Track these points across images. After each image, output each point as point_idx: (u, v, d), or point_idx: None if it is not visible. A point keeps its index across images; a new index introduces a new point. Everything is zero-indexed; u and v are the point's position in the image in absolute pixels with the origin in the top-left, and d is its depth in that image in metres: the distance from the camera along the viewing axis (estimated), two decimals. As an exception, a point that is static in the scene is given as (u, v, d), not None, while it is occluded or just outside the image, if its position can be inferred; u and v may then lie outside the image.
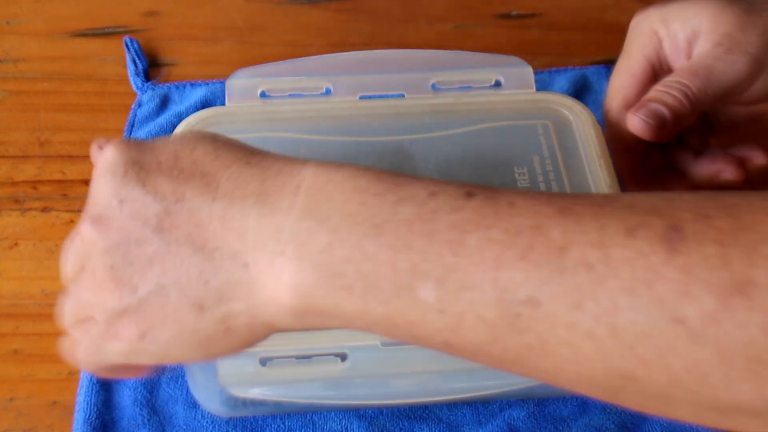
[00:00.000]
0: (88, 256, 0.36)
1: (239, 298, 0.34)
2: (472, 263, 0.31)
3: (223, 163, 0.36)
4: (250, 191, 0.34)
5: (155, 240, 0.35)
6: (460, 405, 0.51)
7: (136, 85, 0.69)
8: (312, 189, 0.34)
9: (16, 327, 0.55)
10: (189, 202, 0.35)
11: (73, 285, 0.37)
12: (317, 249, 0.33)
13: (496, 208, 0.32)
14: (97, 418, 0.50)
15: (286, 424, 0.51)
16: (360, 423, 0.50)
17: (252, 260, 0.34)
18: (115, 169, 0.36)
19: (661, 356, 0.29)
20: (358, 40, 0.74)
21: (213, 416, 0.51)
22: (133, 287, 0.35)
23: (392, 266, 0.32)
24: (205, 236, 0.34)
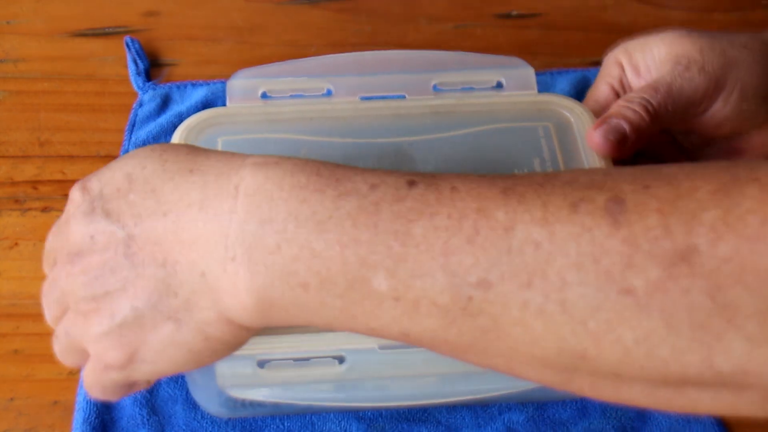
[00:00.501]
0: (71, 293, 0.37)
1: (207, 307, 0.35)
2: (421, 251, 0.31)
3: (168, 176, 0.36)
4: (193, 199, 0.35)
5: (125, 265, 0.35)
6: (460, 408, 0.51)
7: (137, 84, 0.69)
8: (251, 189, 0.34)
9: (17, 327, 0.55)
10: (146, 223, 0.35)
11: (62, 325, 0.38)
12: (266, 251, 0.33)
13: (438, 194, 0.32)
14: (96, 417, 0.50)
15: (285, 425, 0.51)
16: (359, 425, 0.50)
17: (207, 268, 0.34)
18: (83, 209, 0.37)
19: (612, 329, 0.29)
20: (358, 40, 0.74)
21: (212, 417, 0.51)
22: (112, 314, 0.35)
23: (342, 261, 0.32)
24: (165, 252, 0.35)
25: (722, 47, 0.53)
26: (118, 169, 0.37)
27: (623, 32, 0.75)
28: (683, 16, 0.76)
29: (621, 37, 0.75)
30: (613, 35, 0.75)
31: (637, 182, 0.31)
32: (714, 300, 0.28)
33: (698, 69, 0.52)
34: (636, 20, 0.76)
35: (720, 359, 0.29)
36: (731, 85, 0.53)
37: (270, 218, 0.33)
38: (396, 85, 0.56)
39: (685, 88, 0.52)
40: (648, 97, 0.52)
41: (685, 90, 0.52)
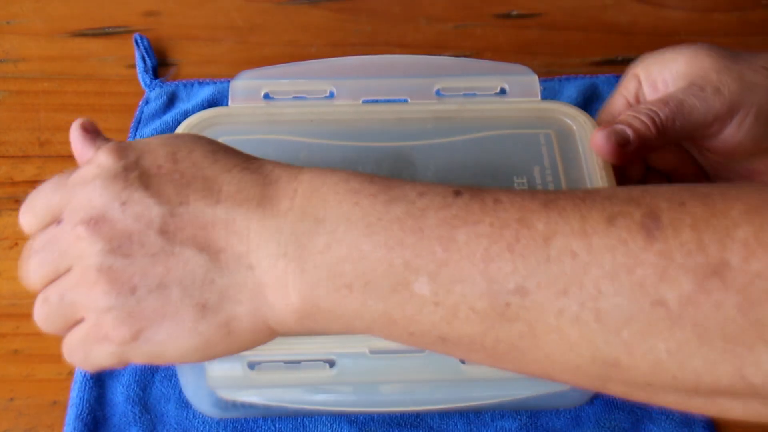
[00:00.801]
0: (79, 257, 0.36)
1: (243, 300, 0.35)
2: (462, 257, 0.32)
3: (222, 167, 0.37)
4: (252, 195, 0.35)
5: (159, 242, 0.35)
6: (452, 414, 0.51)
7: (144, 82, 0.69)
8: (308, 192, 0.35)
9: (17, 327, 0.55)
10: (193, 205, 0.35)
11: (57, 288, 0.37)
12: (316, 250, 0.34)
13: (482, 204, 0.34)
14: (89, 414, 0.50)
15: (276, 427, 0.51)
16: (351, 428, 0.50)
17: (256, 262, 0.34)
18: (114, 174, 0.36)
19: (644, 339, 0.30)
20: (359, 40, 0.74)
21: (204, 416, 0.51)
22: (132, 287, 0.35)
23: (387, 263, 0.33)
24: (210, 238, 0.35)
25: (740, 70, 0.52)
26: (158, 146, 0.37)
27: (623, 32, 0.75)
28: (683, 16, 0.76)
29: (621, 36, 0.75)
30: (613, 35, 0.75)
31: (674, 199, 0.32)
32: (745, 314, 0.29)
33: (713, 90, 0.52)
34: (636, 20, 0.76)
35: (751, 371, 0.30)
36: (746, 109, 0.52)
37: (323, 218, 0.34)
38: (399, 89, 0.56)
39: (696, 108, 0.51)
40: (656, 109, 0.52)
41: (697, 109, 0.51)
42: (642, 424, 0.51)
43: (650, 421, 0.51)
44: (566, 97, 0.68)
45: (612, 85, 0.69)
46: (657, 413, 0.52)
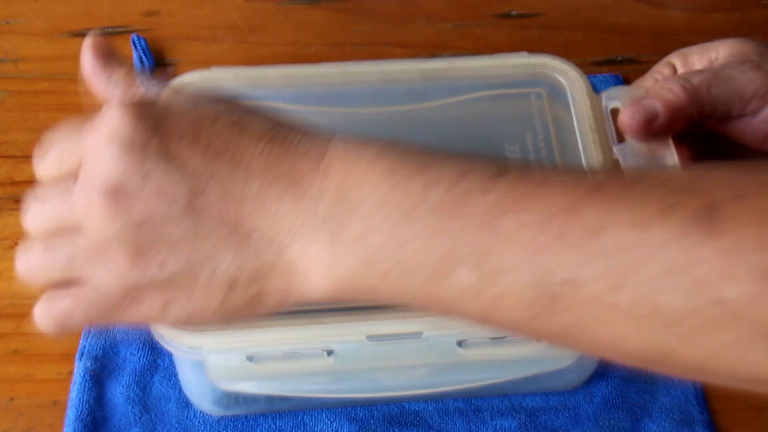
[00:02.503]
0: (94, 228, 0.34)
1: (274, 278, 0.34)
2: (508, 247, 0.31)
3: (250, 138, 0.34)
4: (283, 173, 0.34)
5: (185, 219, 0.33)
6: (451, 412, 0.51)
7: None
8: (342, 171, 0.33)
9: (17, 327, 0.55)
10: (221, 182, 0.33)
11: (64, 248, 0.36)
12: (352, 237, 0.33)
13: (526, 188, 0.32)
14: (88, 414, 0.50)
15: (277, 425, 0.51)
16: (351, 426, 0.50)
17: (288, 244, 0.33)
18: (132, 138, 0.34)
19: (701, 333, 0.30)
20: (358, 39, 0.74)
21: (205, 415, 0.51)
22: (161, 263, 0.34)
23: (427, 252, 0.32)
24: (240, 218, 0.33)
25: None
26: (180, 111, 0.35)
27: (623, 32, 0.75)
28: (683, 15, 0.76)
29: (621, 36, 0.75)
30: (613, 35, 0.75)
31: (734, 189, 0.30)
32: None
33: (753, 66, 0.49)
34: (636, 20, 0.76)
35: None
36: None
37: (358, 204, 0.33)
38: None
39: (733, 78, 0.49)
40: (688, 76, 0.49)
41: (734, 80, 0.49)
42: (641, 422, 0.51)
43: (650, 419, 0.51)
44: (567, 96, 0.68)
45: (611, 84, 0.69)
46: (656, 412, 0.52)
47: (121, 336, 0.54)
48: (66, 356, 0.53)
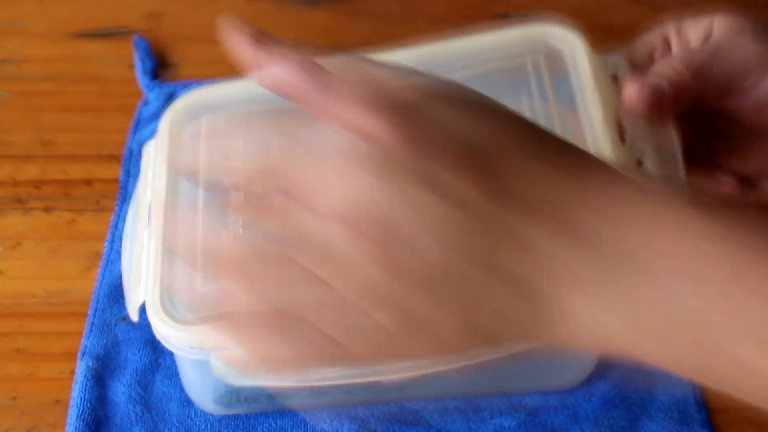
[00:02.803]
0: (333, 262, 0.29)
1: (533, 327, 0.30)
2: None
3: (531, 165, 0.29)
4: (567, 213, 0.29)
5: (453, 262, 0.28)
6: (451, 411, 0.51)
7: (143, 83, 0.69)
8: (638, 229, 0.29)
9: (19, 326, 0.55)
10: (494, 220, 0.28)
11: (274, 279, 0.29)
12: (625, 293, 0.29)
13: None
14: (90, 413, 0.51)
15: (277, 423, 0.51)
16: (351, 425, 0.51)
17: (557, 297, 0.29)
18: (395, 158, 0.28)
19: None
20: (358, 40, 0.74)
21: (206, 414, 0.51)
22: (420, 304, 0.29)
23: (704, 319, 0.28)
24: (510, 261, 0.29)
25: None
26: (445, 125, 0.29)
27: (621, 34, 0.75)
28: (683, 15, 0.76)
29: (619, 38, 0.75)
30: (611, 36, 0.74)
31: None
32: None
33: (752, 39, 0.48)
34: (634, 22, 0.76)
35: None
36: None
37: (648, 267, 0.28)
38: None
39: (735, 52, 0.47)
40: (690, 54, 0.48)
41: (735, 54, 0.47)
42: (640, 421, 0.51)
43: (648, 418, 0.51)
44: (566, 97, 0.68)
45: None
46: (655, 411, 0.52)
47: (122, 335, 0.54)
48: (68, 355, 0.53)
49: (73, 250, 0.59)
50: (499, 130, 0.30)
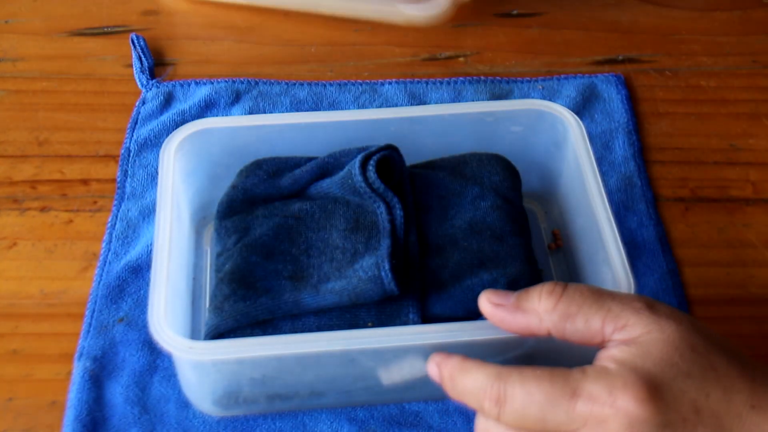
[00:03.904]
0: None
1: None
2: None
3: (734, 407, 0.38)
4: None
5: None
6: (452, 412, 0.51)
7: (141, 82, 0.69)
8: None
9: (15, 327, 0.55)
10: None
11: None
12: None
13: None
14: (87, 415, 0.50)
15: (276, 425, 0.50)
16: (351, 426, 0.50)
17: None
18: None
19: None
20: (358, 40, 0.74)
21: (204, 416, 0.50)
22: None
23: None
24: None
25: None
26: (680, 392, 0.37)
27: (624, 31, 0.75)
28: (684, 15, 0.76)
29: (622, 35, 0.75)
30: (614, 34, 0.75)
31: None
32: None
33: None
34: (637, 19, 0.76)
35: None
36: None
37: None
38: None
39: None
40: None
41: None
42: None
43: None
44: (565, 96, 0.68)
45: (611, 84, 0.69)
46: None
47: (120, 336, 0.54)
48: (65, 356, 0.53)
49: (69, 250, 0.58)
50: (720, 399, 0.38)
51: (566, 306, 0.40)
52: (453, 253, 0.51)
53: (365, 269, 0.47)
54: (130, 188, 0.62)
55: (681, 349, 0.38)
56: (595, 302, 0.40)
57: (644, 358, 0.38)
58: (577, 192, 0.53)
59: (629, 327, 0.39)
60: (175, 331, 0.45)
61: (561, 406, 0.38)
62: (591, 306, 0.40)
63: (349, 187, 0.52)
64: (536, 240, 0.57)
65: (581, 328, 0.40)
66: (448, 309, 0.48)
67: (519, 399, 0.39)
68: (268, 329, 0.48)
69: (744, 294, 0.57)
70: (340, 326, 0.48)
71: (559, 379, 0.38)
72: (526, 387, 0.39)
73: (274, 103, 0.67)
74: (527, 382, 0.39)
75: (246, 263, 0.50)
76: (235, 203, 0.54)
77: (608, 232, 0.49)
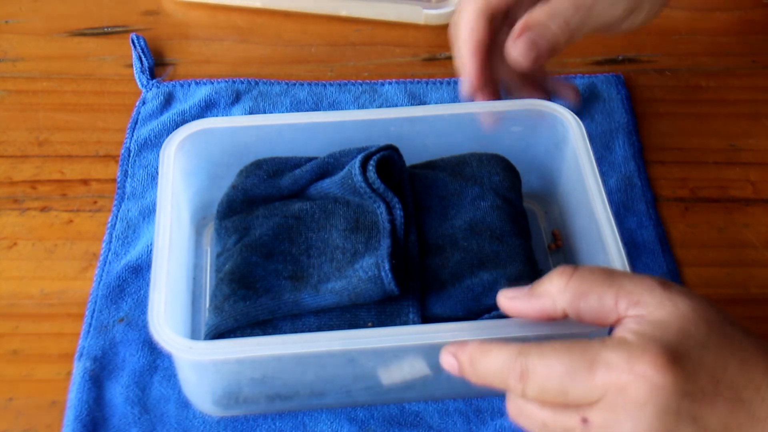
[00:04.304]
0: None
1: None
2: None
3: (755, 383, 0.37)
4: None
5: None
6: (452, 413, 0.51)
7: (141, 82, 0.69)
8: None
9: (15, 327, 0.55)
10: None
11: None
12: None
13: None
14: (87, 415, 0.50)
15: (276, 425, 0.50)
16: (351, 426, 0.50)
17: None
18: (668, 403, 0.36)
19: None
20: (358, 40, 0.74)
21: (204, 416, 0.50)
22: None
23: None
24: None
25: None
26: (699, 363, 0.37)
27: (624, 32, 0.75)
28: (684, 15, 0.76)
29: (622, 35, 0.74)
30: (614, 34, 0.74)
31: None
32: None
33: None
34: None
35: None
36: (642, 9, 0.56)
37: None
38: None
39: (605, 12, 0.54)
40: (569, 16, 0.54)
41: (606, 13, 0.54)
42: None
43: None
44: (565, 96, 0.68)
45: (611, 84, 0.69)
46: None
47: (120, 336, 0.54)
48: (65, 357, 0.53)
49: (69, 250, 0.58)
50: (738, 365, 0.38)
51: (578, 284, 0.40)
52: (453, 253, 0.51)
53: (365, 269, 0.47)
54: (130, 188, 0.62)
55: (696, 322, 0.38)
56: (607, 279, 0.40)
57: (663, 330, 0.38)
58: (577, 192, 0.54)
59: (643, 303, 0.39)
60: (175, 331, 0.45)
61: (580, 377, 0.37)
62: (603, 283, 0.40)
63: (349, 187, 0.52)
64: (536, 240, 0.57)
65: (595, 305, 0.40)
66: (448, 309, 0.49)
67: (540, 373, 0.38)
68: (268, 329, 0.48)
69: (744, 294, 0.57)
70: (340, 326, 0.48)
71: (578, 350, 0.38)
72: (545, 360, 0.38)
73: (274, 103, 0.67)
74: (546, 356, 0.39)
75: (246, 263, 0.50)
76: (235, 203, 0.54)
77: (608, 232, 0.49)
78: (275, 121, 0.56)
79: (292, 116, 0.58)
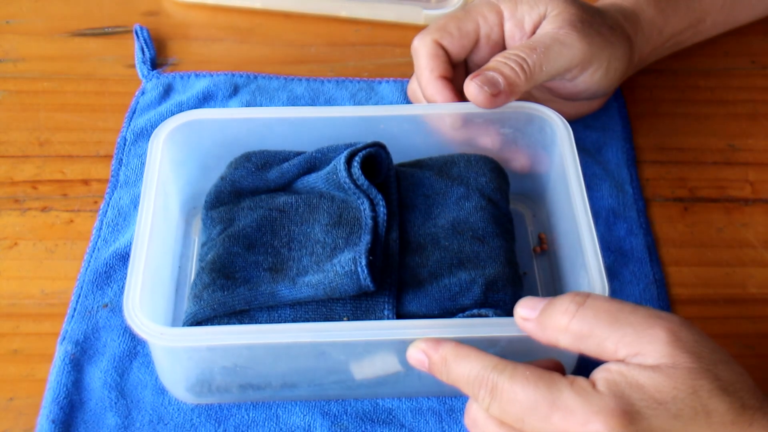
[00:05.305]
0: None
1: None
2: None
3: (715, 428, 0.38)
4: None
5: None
6: (425, 411, 0.51)
7: (142, 72, 0.69)
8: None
9: (16, 327, 0.55)
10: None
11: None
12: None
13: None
14: (65, 398, 0.50)
15: (250, 416, 0.50)
16: (323, 420, 0.50)
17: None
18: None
19: None
20: (358, 40, 0.74)
21: (179, 403, 0.51)
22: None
23: None
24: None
25: (600, 24, 0.58)
26: (668, 417, 0.38)
27: (623, 32, 0.75)
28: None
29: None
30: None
31: None
32: None
33: (579, 37, 0.56)
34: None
35: None
36: (600, 62, 0.58)
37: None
38: None
39: (562, 55, 0.55)
40: (524, 56, 0.55)
41: (563, 57, 0.55)
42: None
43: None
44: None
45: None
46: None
47: (103, 321, 0.54)
48: (66, 356, 0.53)
49: (70, 250, 0.58)
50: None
51: (578, 327, 0.40)
52: (433, 252, 0.51)
53: (342, 264, 0.48)
54: (123, 177, 0.62)
55: (681, 390, 0.38)
56: (610, 325, 0.40)
57: (637, 389, 0.38)
58: (562, 196, 0.54)
59: (642, 355, 0.39)
60: (155, 318, 0.45)
61: (540, 413, 0.38)
62: (604, 329, 0.40)
63: (334, 183, 0.52)
64: (523, 242, 0.57)
65: (594, 349, 0.40)
66: (424, 307, 0.49)
67: (505, 395, 0.39)
68: (245, 319, 0.49)
69: (743, 293, 0.57)
70: (315, 319, 0.48)
71: (544, 385, 0.39)
72: (513, 385, 0.39)
73: (271, 97, 0.68)
74: (516, 381, 0.39)
75: (227, 253, 0.50)
76: (222, 194, 0.54)
77: (587, 236, 0.49)
78: (266, 115, 0.56)
79: (283, 110, 0.58)
